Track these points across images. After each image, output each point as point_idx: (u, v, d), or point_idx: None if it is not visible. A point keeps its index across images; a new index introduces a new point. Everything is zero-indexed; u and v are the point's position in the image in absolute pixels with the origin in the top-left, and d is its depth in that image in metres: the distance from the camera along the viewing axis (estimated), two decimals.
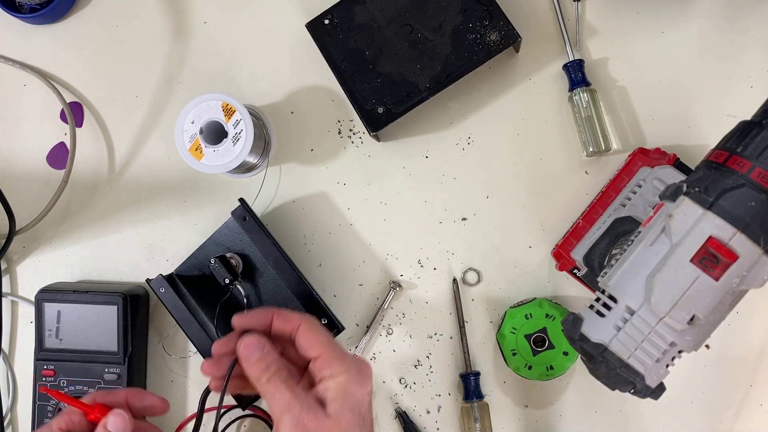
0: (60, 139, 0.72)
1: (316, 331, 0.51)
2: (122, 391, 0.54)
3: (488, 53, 0.63)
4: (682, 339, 0.45)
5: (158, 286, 0.63)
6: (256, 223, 0.64)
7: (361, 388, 0.49)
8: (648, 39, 0.67)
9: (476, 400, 0.65)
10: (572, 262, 0.62)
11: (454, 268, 0.68)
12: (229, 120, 0.62)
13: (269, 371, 0.49)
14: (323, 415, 0.47)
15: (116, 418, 0.51)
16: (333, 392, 0.48)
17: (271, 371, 0.49)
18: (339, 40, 0.65)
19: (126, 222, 0.70)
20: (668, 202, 0.46)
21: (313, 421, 0.47)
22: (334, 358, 0.49)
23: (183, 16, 0.71)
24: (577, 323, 0.48)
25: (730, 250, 0.43)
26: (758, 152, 0.43)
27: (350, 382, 0.48)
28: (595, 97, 0.65)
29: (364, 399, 0.49)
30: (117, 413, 0.51)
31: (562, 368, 0.63)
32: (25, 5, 0.70)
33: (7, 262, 0.71)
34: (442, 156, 0.68)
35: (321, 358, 0.49)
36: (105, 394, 0.54)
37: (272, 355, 0.50)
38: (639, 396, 0.47)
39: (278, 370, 0.49)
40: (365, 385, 0.49)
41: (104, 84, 0.72)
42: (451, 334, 0.67)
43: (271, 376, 0.49)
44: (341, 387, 0.48)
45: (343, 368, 0.49)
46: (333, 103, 0.69)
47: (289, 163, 0.70)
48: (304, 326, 0.51)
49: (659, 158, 0.61)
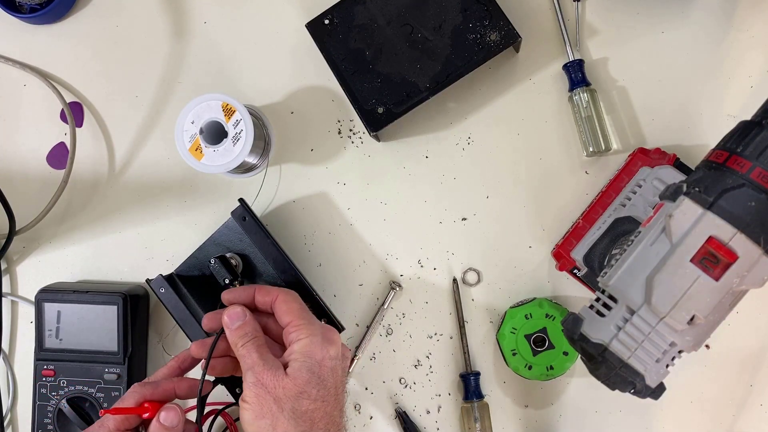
0: (60, 139, 0.72)
1: (290, 301, 0.55)
2: (171, 384, 0.55)
3: (488, 53, 0.63)
4: (682, 339, 0.45)
5: (158, 286, 0.63)
6: (256, 223, 0.64)
7: (322, 351, 0.52)
8: (648, 39, 0.66)
9: (476, 400, 0.65)
10: (572, 262, 0.62)
11: (454, 268, 0.68)
12: (229, 120, 0.62)
13: (246, 338, 0.53)
14: (282, 374, 0.51)
15: (169, 413, 0.53)
16: (295, 354, 0.51)
17: (248, 338, 0.53)
18: (339, 40, 0.65)
19: (126, 222, 0.70)
20: (668, 202, 0.46)
21: (271, 379, 0.50)
22: (302, 324, 0.53)
23: (183, 16, 0.71)
24: (577, 323, 0.48)
25: (730, 250, 0.43)
26: (758, 152, 0.43)
27: (312, 345, 0.52)
28: (595, 97, 0.65)
29: (324, 361, 0.52)
30: (169, 408, 0.53)
31: (562, 368, 0.63)
32: (25, 5, 0.70)
33: (7, 262, 0.72)
34: (442, 156, 0.68)
35: (290, 324, 0.53)
36: (153, 388, 0.54)
37: (251, 325, 0.54)
38: (639, 396, 0.47)
39: (254, 338, 0.53)
40: (328, 348, 0.52)
41: (104, 84, 0.72)
42: (451, 334, 0.67)
43: (247, 341, 0.53)
44: (303, 349, 0.52)
45: (308, 333, 0.52)
46: (333, 103, 0.69)
47: (289, 163, 0.70)
48: (281, 297, 0.55)
49: (659, 158, 0.61)
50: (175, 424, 0.53)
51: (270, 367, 0.51)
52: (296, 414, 0.50)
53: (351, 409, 0.68)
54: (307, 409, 0.50)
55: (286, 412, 0.50)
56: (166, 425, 0.52)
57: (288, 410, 0.50)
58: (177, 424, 0.53)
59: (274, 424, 0.50)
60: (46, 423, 0.66)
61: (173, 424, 0.52)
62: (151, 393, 0.54)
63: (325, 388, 0.51)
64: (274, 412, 0.50)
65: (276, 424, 0.50)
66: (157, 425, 0.52)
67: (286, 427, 0.50)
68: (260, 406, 0.50)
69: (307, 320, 0.53)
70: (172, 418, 0.53)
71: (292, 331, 0.53)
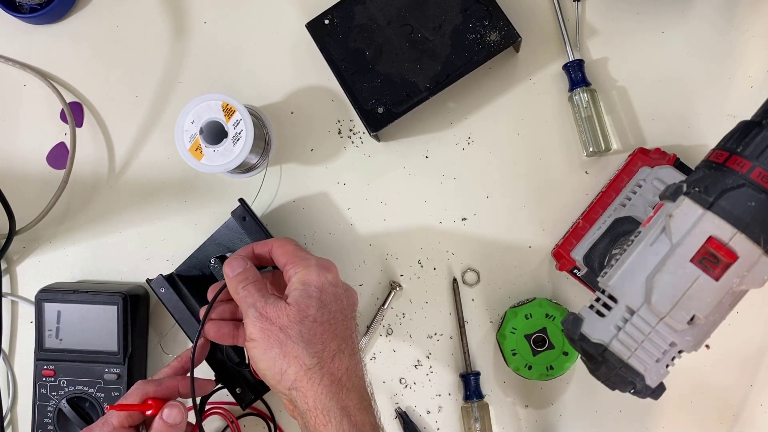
0: (60, 139, 0.72)
1: (284, 244, 0.55)
2: (174, 382, 0.55)
3: (488, 53, 0.63)
4: (682, 339, 0.45)
5: (158, 286, 0.63)
6: (256, 223, 0.64)
7: (319, 277, 0.52)
8: (648, 39, 0.66)
9: (476, 400, 0.65)
10: (572, 262, 0.62)
11: (454, 268, 0.68)
12: (229, 120, 0.62)
13: (246, 281, 0.53)
14: (284, 305, 0.51)
15: (172, 410, 0.53)
16: (294, 284, 0.52)
17: (248, 281, 0.53)
18: (339, 40, 0.65)
19: (126, 222, 0.70)
20: (668, 202, 0.46)
21: (273, 310, 0.51)
22: (299, 259, 0.53)
23: (183, 16, 0.71)
24: (577, 323, 0.48)
25: (730, 250, 0.43)
26: (758, 152, 0.43)
27: (309, 274, 0.52)
28: (595, 97, 0.65)
29: (324, 287, 0.52)
30: (172, 405, 0.53)
31: (562, 368, 0.63)
32: (25, 5, 0.70)
33: (7, 262, 0.72)
34: (442, 156, 0.68)
35: (288, 263, 0.53)
36: (158, 386, 0.54)
37: (251, 271, 0.54)
38: (639, 396, 0.47)
39: (254, 281, 0.53)
40: (324, 275, 0.52)
41: (104, 84, 0.72)
42: (451, 334, 0.67)
43: (247, 284, 0.53)
44: (301, 278, 0.52)
45: (305, 264, 0.53)
46: (333, 103, 0.69)
47: (289, 163, 0.70)
48: (276, 243, 0.56)
49: (659, 158, 0.61)
50: (178, 421, 0.53)
51: (272, 302, 0.51)
52: (304, 337, 0.50)
53: None
54: (315, 332, 0.50)
55: (293, 337, 0.49)
56: (170, 422, 0.52)
57: (295, 335, 0.49)
58: (180, 421, 0.53)
59: (284, 352, 0.49)
60: (46, 423, 0.66)
61: (176, 421, 0.53)
62: (154, 390, 0.54)
63: (329, 312, 0.51)
64: (281, 339, 0.49)
65: (286, 351, 0.49)
66: (161, 422, 0.52)
67: (296, 351, 0.49)
68: (267, 338, 0.50)
69: (302, 256, 0.54)
70: (175, 415, 0.53)
71: (290, 268, 0.53)
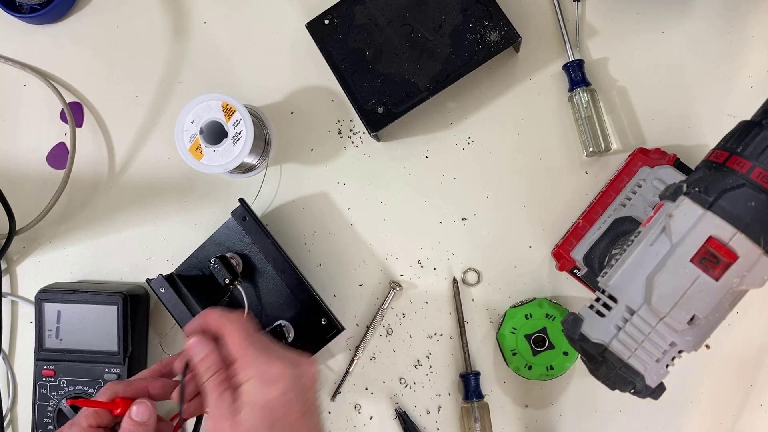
0: (60, 139, 0.72)
1: (233, 333, 0.52)
2: (144, 384, 0.55)
3: (488, 53, 0.63)
4: (682, 339, 0.45)
5: (158, 286, 0.63)
6: (256, 223, 0.64)
7: (266, 392, 0.49)
8: (648, 39, 0.67)
9: (476, 400, 0.65)
10: (572, 262, 0.62)
11: (454, 268, 0.68)
12: (229, 120, 0.62)
13: (209, 372, 0.51)
14: (235, 423, 0.49)
15: (139, 407, 0.52)
16: (244, 397, 0.50)
17: (210, 372, 0.51)
18: (339, 40, 0.65)
19: (126, 222, 0.70)
20: (668, 202, 0.46)
21: (228, 428, 0.49)
22: (245, 363, 0.50)
23: (183, 16, 0.71)
24: (577, 323, 0.48)
25: (730, 250, 0.43)
26: (758, 152, 0.43)
27: (253, 391, 0.49)
28: (595, 97, 0.65)
29: (272, 402, 0.49)
30: (140, 403, 0.53)
31: (562, 368, 0.63)
32: (25, 5, 0.70)
33: (7, 262, 0.72)
34: (442, 156, 0.68)
35: (237, 362, 0.51)
36: (127, 386, 0.54)
37: (212, 357, 0.52)
38: (639, 396, 0.47)
39: (215, 372, 0.51)
40: (269, 390, 0.50)
41: (104, 84, 0.72)
42: (451, 334, 0.67)
43: (209, 376, 0.51)
44: (249, 393, 0.50)
45: (251, 374, 0.50)
46: (333, 103, 0.69)
47: (289, 163, 0.70)
48: (228, 329, 0.52)
49: (659, 158, 0.61)
50: (146, 419, 0.52)
51: (223, 415, 0.50)
52: None
53: (351, 409, 0.68)
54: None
55: None
56: (137, 420, 0.52)
57: None
58: (148, 419, 0.52)
59: None
60: (46, 423, 0.66)
61: (144, 419, 0.52)
62: (123, 390, 0.54)
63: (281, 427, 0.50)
64: None
65: None
66: (129, 421, 0.52)
67: None
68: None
69: (248, 357, 0.51)
70: (143, 412, 0.52)
71: (240, 371, 0.50)
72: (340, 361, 0.68)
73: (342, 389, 0.68)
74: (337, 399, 0.68)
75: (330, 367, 0.68)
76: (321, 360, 0.68)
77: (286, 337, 0.64)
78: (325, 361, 0.68)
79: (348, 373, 0.67)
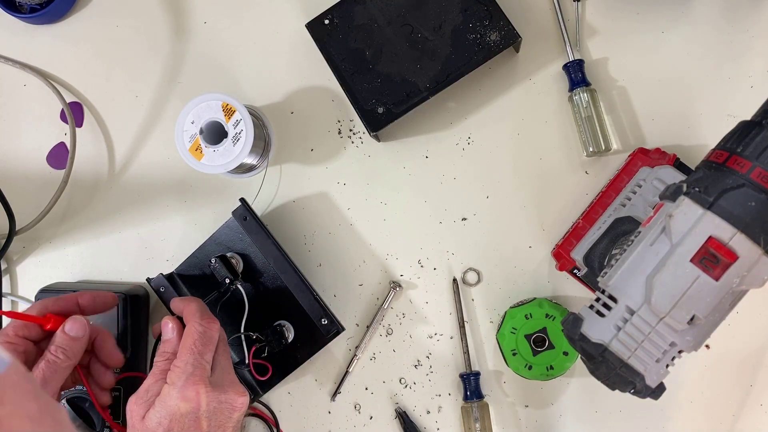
0: (60, 139, 0.72)
1: (189, 337, 0.54)
2: (73, 295, 0.56)
3: (488, 53, 0.63)
4: (682, 339, 0.45)
5: (158, 285, 0.64)
6: (257, 222, 0.64)
7: (178, 404, 0.52)
8: (648, 39, 0.66)
9: (476, 400, 0.65)
10: (572, 262, 0.62)
11: (454, 268, 0.68)
12: (229, 120, 0.62)
13: (162, 356, 0.55)
14: (145, 416, 0.52)
15: (73, 323, 0.54)
16: (162, 396, 0.52)
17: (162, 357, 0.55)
18: (339, 40, 0.65)
19: (126, 222, 0.70)
20: (668, 202, 0.46)
21: (137, 415, 0.52)
22: (180, 369, 0.53)
23: (183, 16, 0.71)
24: (577, 323, 0.48)
25: (730, 250, 0.43)
26: (758, 152, 0.43)
27: (172, 395, 0.52)
28: (595, 97, 0.65)
29: (178, 414, 0.51)
30: (74, 319, 0.54)
31: (562, 368, 0.63)
32: (25, 5, 0.70)
33: (7, 262, 0.72)
34: (442, 156, 0.68)
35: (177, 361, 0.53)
36: (56, 300, 0.55)
37: (169, 345, 0.55)
38: (639, 396, 0.47)
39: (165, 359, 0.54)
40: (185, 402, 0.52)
41: (104, 84, 0.72)
42: (451, 334, 0.67)
43: (161, 360, 0.54)
44: (165, 395, 0.52)
45: (176, 380, 0.52)
46: (333, 103, 0.69)
47: (289, 163, 0.70)
48: (189, 330, 0.55)
49: (659, 158, 0.61)
50: (81, 335, 0.54)
51: (141, 399, 0.52)
52: None
53: (351, 409, 0.68)
54: None
55: None
56: (71, 335, 0.53)
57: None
58: (83, 335, 0.54)
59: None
60: None
61: (78, 334, 0.53)
62: (53, 304, 0.55)
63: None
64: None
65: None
66: (63, 336, 0.53)
67: None
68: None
69: (188, 365, 0.52)
70: (77, 329, 0.54)
71: (173, 370, 0.53)
72: (340, 361, 0.68)
73: (342, 389, 0.68)
74: (337, 399, 0.68)
75: (330, 367, 0.68)
76: (321, 360, 0.68)
77: (286, 337, 0.64)
78: (325, 361, 0.68)
79: (348, 373, 0.67)
